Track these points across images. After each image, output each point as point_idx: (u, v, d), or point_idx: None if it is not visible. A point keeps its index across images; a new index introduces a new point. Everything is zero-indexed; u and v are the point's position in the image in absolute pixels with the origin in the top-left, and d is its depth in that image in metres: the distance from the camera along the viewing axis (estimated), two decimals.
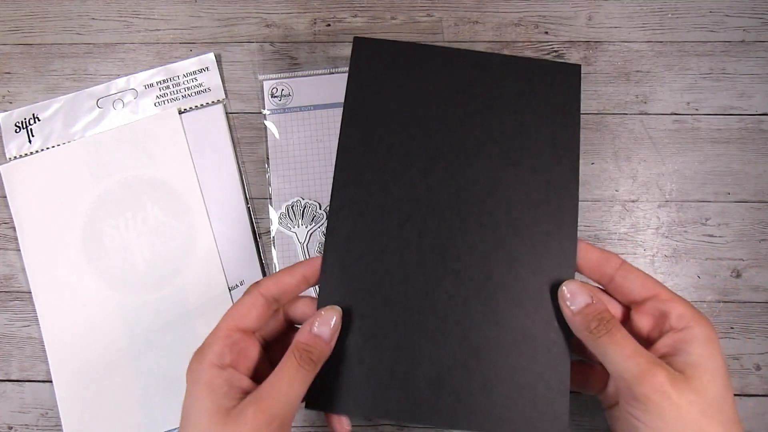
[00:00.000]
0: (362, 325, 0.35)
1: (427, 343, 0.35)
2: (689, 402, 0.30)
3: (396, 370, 0.34)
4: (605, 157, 0.48)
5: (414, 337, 0.35)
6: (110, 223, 0.47)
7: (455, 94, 0.38)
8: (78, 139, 0.48)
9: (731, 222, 0.47)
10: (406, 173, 0.37)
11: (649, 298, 0.34)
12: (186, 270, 0.46)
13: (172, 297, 0.46)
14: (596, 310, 0.33)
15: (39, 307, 0.46)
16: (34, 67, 0.49)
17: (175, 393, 0.45)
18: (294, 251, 0.46)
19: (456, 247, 0.36)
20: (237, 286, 0.46)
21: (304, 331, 0.33)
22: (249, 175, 0.48)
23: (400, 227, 0.36)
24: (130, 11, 0.49)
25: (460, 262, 0.35)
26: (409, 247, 0.36)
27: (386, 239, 0.36)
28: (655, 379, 0.30)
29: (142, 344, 0.46)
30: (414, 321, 0.35)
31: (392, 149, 0.37)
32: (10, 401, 0.47)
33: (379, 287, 0.35)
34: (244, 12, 0.49)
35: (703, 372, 0.31)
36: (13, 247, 0.48)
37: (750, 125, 0.47)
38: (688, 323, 0.32)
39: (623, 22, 0.48)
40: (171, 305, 0.46)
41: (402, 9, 0.49)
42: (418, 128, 0.37)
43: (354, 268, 0.36)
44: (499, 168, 0.37)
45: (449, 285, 0.35)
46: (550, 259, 0.35)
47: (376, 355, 0.35)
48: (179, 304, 0.46)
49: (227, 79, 0.49)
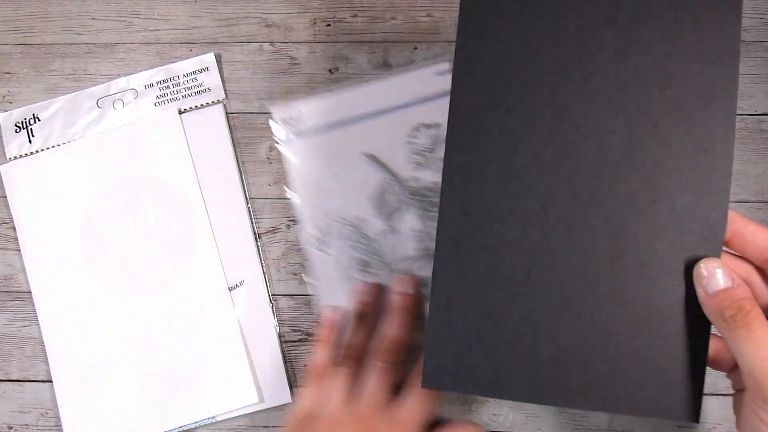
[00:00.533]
0: (481, 303, 0.33)
1: (551, 322, 0.32)
2: None
3: (518, 349, 0.32)
4: None
5: (537, 316, 0.32)
6: (110, 223, 0.47)
7: (584, 35, 0.32)
8: (78, 139, 0.48)
9: None
10: (528, 137, 0.33)
11: None
12: (186, 270, 0.46)
13: (172, 297, 0.46)
14: (735, 295, 0.28)
15: (39, 308, 0.46)
16: (34, 67, 0.49)
17: (175, 393, 0.45)
18: (332, 272, 0.46)
19: (585, 221, 0.32)
20: (237, 286, 0.46)
21: None
22: (249, 175, 0.48)
23: (521, 199, 0.32)
24: (130, 11, 0.49)
25: (589, 238, 0.32)
26: (531, 221, 0.32)
27: (506, 213, 0.33)
28: None
29: (143, 344, 0.46)
30: (537, 299, 0.32)
31: (512, 110, 0.33)
32: (10, 401, 0.47)
33: (499, 264, 0.33)
34: (244, 12, 0.49)
35: None
36: (13, 247, 0.48)
37: (750, 125, 0.47)
38: None
39: None
40: (171, 305, 0.46)
41: (402, 9, 0.49)
42: (540, 81, 0.33)
43: (471, 243, 0.33)
44: (638, 126, 0.32)
45: (576, 262, 0.32)
46: (693, 233, 0.31)
47: (498, 332, 0.33)
48: (179, 305, 0.46)
49: (227, 79, 0.49)
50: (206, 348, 0.45)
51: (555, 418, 0.46)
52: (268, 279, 0.47)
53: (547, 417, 0.46)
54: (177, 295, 0.46)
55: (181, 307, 0.46)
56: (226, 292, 0.46)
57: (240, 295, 0.46)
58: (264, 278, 0.47)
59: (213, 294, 0.46)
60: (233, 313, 0.46)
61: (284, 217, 0.48)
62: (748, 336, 0.28)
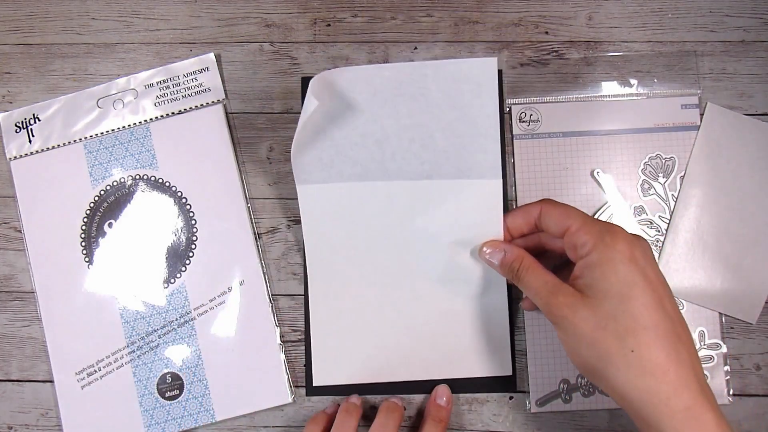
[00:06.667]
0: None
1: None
2: (583, 318, 0.35)
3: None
4: None
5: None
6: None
7: None
8: (78, 139, 0.48)
9: None
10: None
11: (564, 232, 0.38)
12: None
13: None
14: (512, 257, 0.40)
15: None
16: (34, 67, 0.49)
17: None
18: None
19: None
20: (237, 286, 0.46)
21: None
22: (249, 175, 0.48)
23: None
24: (130, 11, 0.49)
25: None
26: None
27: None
28: (557, 299, 0.36)
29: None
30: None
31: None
32: (10, 401, 0.47)
33: None
34: (244, 12, 0.49)
35: (596, 292, 0.35)
36: (14, 247, 0.48)
37: None
38: (589, 251, 0.36)
39: (623, 22, 0.48)
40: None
41: (402, 9, 0.49)
42: None
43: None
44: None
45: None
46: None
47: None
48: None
49: (227, 79, 0.49)
50: None
51: (555, 418, 0.46)
52: (268, 279, 0.47)
53: (547, 417, 0.46)
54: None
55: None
56: (227, 292, 0.46)
57: (240, 295, 0.46)
58: (264, 278, 0.47)
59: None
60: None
61: (284, 217, 0.48)
62: (530, 275, 0.39)
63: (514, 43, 0.48)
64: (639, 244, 0.36)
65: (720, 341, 0.45)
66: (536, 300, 0.38)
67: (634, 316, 0.34)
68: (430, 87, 0.40)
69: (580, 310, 0.35)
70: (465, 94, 0.40)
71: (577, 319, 0.35)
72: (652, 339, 0.34)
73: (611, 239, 0.36)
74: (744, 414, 0.45)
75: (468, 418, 0.46)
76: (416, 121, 0.41)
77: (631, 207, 0.46)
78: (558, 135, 0.47)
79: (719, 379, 0.45)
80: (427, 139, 0.42)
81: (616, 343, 0.34)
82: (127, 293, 0.46)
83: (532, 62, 0.48)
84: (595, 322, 0.35)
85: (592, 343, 0.35)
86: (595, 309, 0.35)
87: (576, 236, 0.37)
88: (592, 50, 0.48)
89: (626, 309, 0.34)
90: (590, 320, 0.35)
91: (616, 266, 0.35)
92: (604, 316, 0.35)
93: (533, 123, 0.47)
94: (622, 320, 0.34)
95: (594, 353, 0.35)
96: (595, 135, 0.47)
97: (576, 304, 0.36)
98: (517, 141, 0.47)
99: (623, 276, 0.35)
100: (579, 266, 0.37)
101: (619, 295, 0.35)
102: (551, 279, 0.38)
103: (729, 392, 0.45)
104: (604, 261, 0.35)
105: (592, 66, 0.48)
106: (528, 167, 0.47)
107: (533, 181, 0.47)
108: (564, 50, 0.48)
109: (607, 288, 0.35)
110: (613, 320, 0.34)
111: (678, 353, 0.34)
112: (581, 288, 0.36)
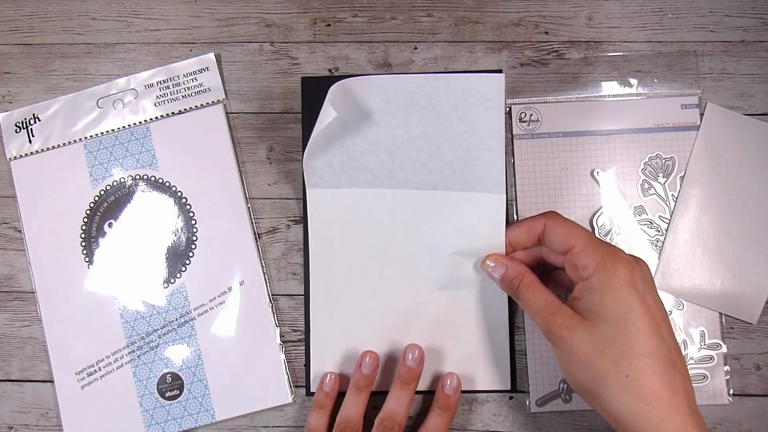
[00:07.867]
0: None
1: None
2: (580, 340, 0.36)
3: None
4: None
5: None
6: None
7: None
8: (78, 139, 0.48)
9: None
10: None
11: (567, 251, 0.38)
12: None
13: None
14: (513, 273, 0.40)
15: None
16: (34, 67, 0.49)
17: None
18: None
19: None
20: (237, 286, 0.46)
21: None
22: (249, 175, 0.48)
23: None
24: (130, 11, 0.49)
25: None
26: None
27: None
28: (555, 320, 0.37)
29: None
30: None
31: None
32: (10, 401, 0.47)
33: None
34: (244, 12, 0.49)
35: (594, 315, 0.36)
36: (14, 247, 0.48)
37: None
38: (590, 274, 0.36)
39: (623, 22, 0.48)
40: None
41: (402, 9, 0.49)
42: None
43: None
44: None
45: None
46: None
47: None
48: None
49: (227, 79, 0.49)
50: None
51: (555, 418, 0.46)
52: (268, 279, 0.47)
53: (547, 417, 0.46)
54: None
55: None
56: (227, 292, 0.46)
57: (240, 295, 0.46)
58: (264, 278, 0.47)
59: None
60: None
61: (284, 217, 0.48)
62: (529, 294, 0.39)
63: (514, 43, 0.48)
64: (639, 269, 0.37)
65: (720, 341, 0.45)
66: (535, 319, 0.38)
67: (630, 341, 0.35)
68: (440, 99, 0.40)
69: (578, 332, 0.36)
70: (473, 108, 0.40)
71: (574, 340, 0.36)
72: (647, 365, 0.34)
73: (612, 264, 0.36)
74: (744, 414, 0.45)
75: (468, 417, 0.46)
76: (425, 132, 0.42)
77: (631, 207, 0.46)
78: (558, 135, 0.47)
79: (719, 379, 0.45)
80: (435, 149, 0.42)
81: (611, 367, 0.35)
82: (127, 293, 0.46)
83: (532, 62, 0.48)
84: (592, 345, 0.35)
85: (588, 365, 0.35)
86: (592, 332, 0.35)
87: (578, 257, 0.37)
88: (592, 50, 0.48)
89: (623, 334, 0.35)
90: (587, 343, 0.35)
91: (615, 291, 0.35)
92: (601, 339, 0.35)
93: (533, 123, 0.47)
94: (618, 345, 0.35)
95: (589, 375, 0.35)
96: (595, 135, 0.47)
97: (574, 326, 0.36)
98: (517, 141, 0.47)
99: (622, 301, 0.35)
100: (579, 288, 0.37)
101: (616, 320, 0.35)
102: (551, 299, 0.38)
103: (729, 392, 0.45)
104: (604, 286, 0.36)
105: (592, 66, 0.48)
106: (528, 167, 0.47)
107: (533, 181, 0.47)
108: (564, 50, 0.48)
109: (605, 312, 0.35)
110: (610, 344, 0.35)
111: (672, 379, 0.34)
112: (580, 310, 0.37)
